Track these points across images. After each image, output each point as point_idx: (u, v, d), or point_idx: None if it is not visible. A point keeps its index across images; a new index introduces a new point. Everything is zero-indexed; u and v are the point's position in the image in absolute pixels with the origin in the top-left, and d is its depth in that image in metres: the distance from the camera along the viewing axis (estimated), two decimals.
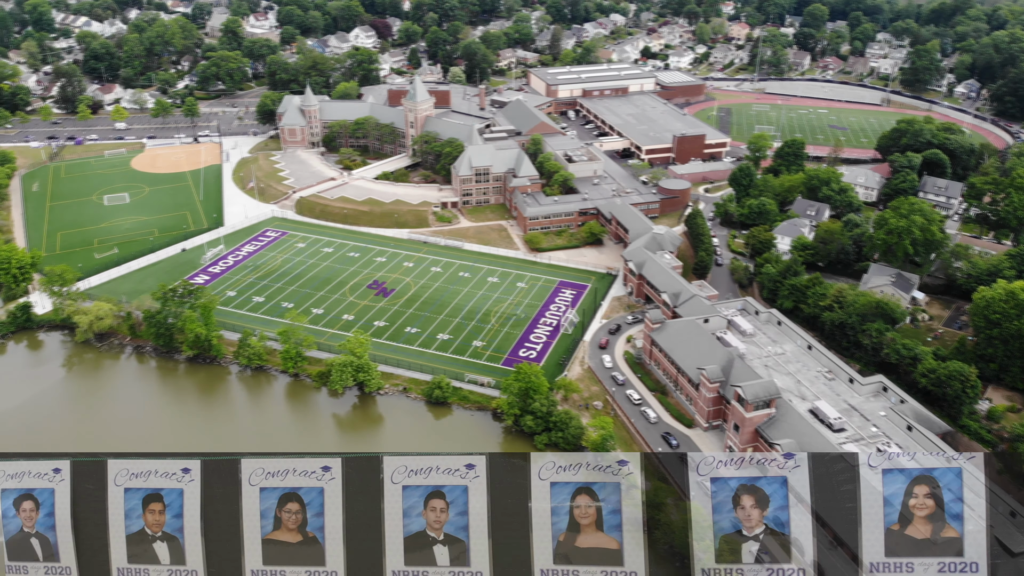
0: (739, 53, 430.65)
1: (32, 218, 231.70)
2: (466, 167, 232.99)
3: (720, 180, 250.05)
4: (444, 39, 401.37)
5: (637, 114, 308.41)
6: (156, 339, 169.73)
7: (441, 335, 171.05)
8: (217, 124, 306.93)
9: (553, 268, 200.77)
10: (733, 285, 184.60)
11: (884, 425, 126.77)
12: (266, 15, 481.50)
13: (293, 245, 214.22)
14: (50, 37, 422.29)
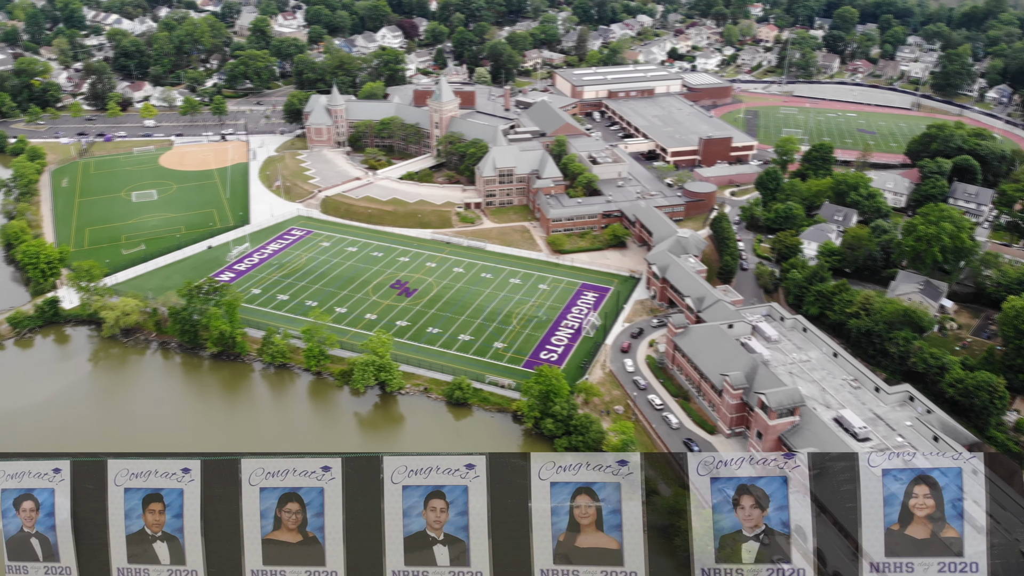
0: (767, 55, 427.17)
1: (61, 214, 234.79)
2: (490, 168, 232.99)
3: (746, 183, 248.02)
4: (470, 39, 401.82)
5: (663, 116, 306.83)
6: (181, 335, 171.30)
7: (462, 336, 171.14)
8: (244, 123, 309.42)
9: (575, 270, 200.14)
10: (758, 290, 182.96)
11: (910, 435, 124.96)
12: (294, 14, 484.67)
13: (318, 244, 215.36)
14: (81, 34, 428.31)
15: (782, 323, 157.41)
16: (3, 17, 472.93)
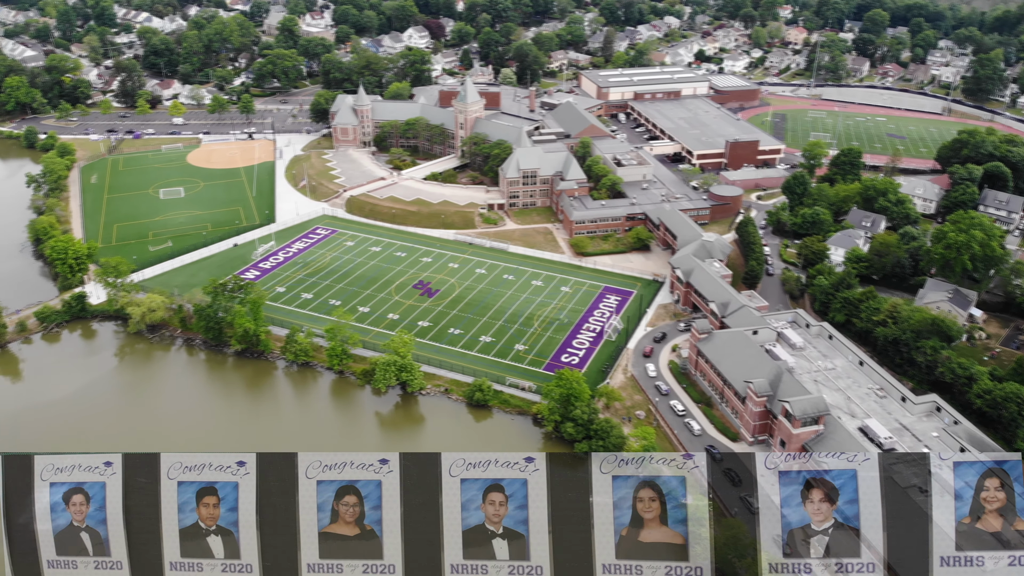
0: (796, 58, 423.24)
1: (90, 210, 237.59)
2: (514, 169, 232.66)
3: (773, 187, 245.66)
4: (496, 40, 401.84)
5: (689, 118, 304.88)
6: (206, 332, 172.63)
7: (484, 337, 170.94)
8: (271, 121, 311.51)
9: (598, 273, 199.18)
10: (784, 296, 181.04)
11: (936, 446, 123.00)
12: (322, 14, 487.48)
13: (342, 243, 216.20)
14: (112, 32, 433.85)
15: (808, 330, 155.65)
16: (35, 14, 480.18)
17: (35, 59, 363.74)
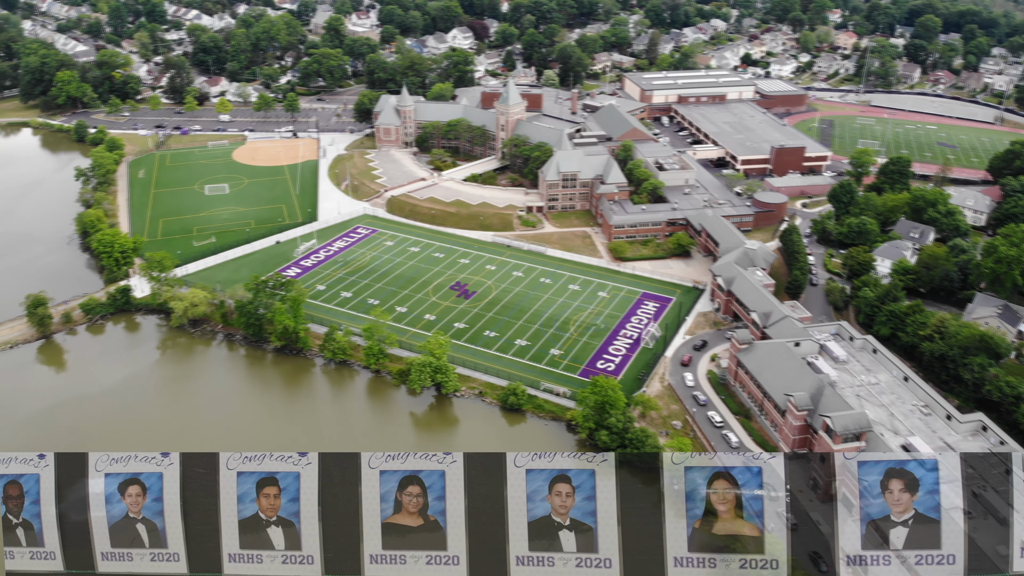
0: (844, 63, 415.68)
1: (136, 204, 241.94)
2: (554, 172, 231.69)
3: (819, 195, 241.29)
4: (540, 41, 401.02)
5: (734, 122, 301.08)
6: (246, 328, 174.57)
7: (519, 341, 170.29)
8: (316, 120, 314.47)
9: (637, 279, 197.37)
10: (827, 307, 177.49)
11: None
12: (368, 13, 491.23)
13: (382, 243, 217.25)
14: (162, 29, 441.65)
15: (851, 343, 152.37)
16: (88, 9, 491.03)
17: (86, 54, 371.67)
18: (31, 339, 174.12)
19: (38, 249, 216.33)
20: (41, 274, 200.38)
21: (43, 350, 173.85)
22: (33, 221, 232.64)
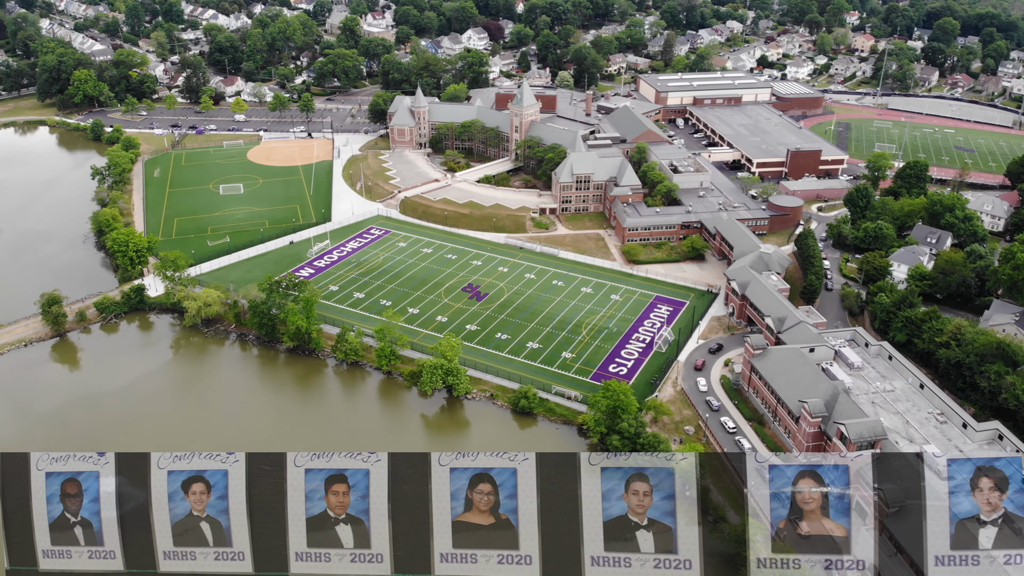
0: (862, 66, 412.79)
1: (152, 203, 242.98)
2: (567, 174, 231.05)
3: (835, 199, 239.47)
4: (555, 43, 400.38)
5: (749, 125, 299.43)
6: (259, 328, 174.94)
7: (531, 343, 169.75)
8: (331, 121, 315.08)
9: (650, 282, 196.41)
10: (843, 312, 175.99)
11: None
12: (383, 14, 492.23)
13: (395, 244, 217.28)
14: (178, 28, 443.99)
15: (867, 349, 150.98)
16: (105, 8, 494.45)
17: (103, 53, 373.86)
18: (45, 337, 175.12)
19: (53, 247, 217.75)
20: (56, 272, 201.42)
21: (57, 348, 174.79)
22: (49, 219, 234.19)
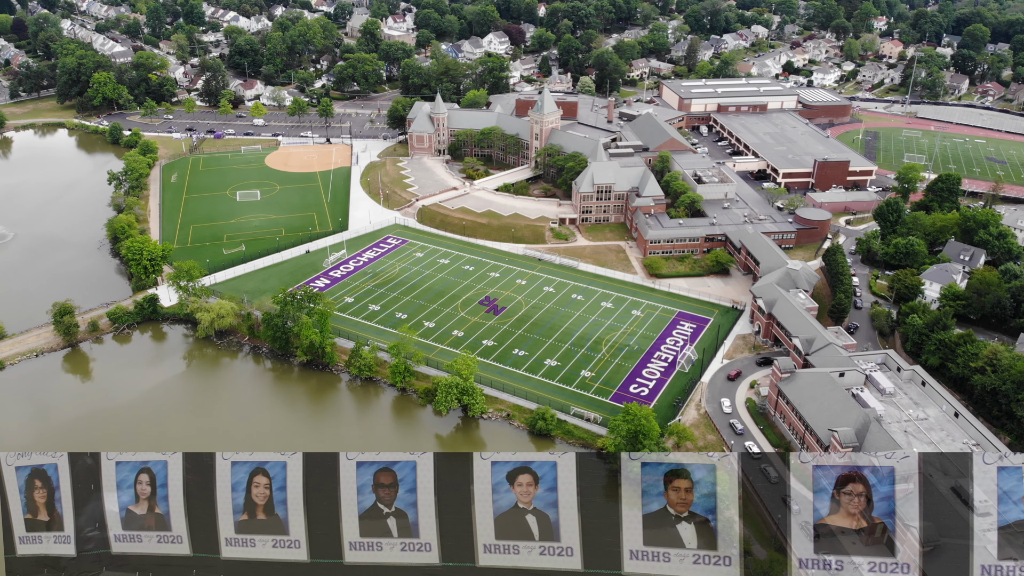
0: (890, 72, 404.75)
1: (168, 209, 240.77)
2: (588, 184, 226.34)
3: (863, 211, 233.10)
4: (576, 47, 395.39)
5: (775, 133, 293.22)
6: (273, 342, 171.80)
7: (549, 361, 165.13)
8: (350, 126, 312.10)
9: (672, 297, 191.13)
10: (872, 332, 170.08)
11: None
12: (404, 17, 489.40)
13: (412, 254, 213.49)
14: (199, 30, 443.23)
15: (899, 374, 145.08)
16: (127, 9, 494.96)
17: (124, 55, 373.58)
18: (57, 347, 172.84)
19: (68, 254, 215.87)
20: (70, 280, 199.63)
21: (69, 359, 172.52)
22: (65, 224, 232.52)
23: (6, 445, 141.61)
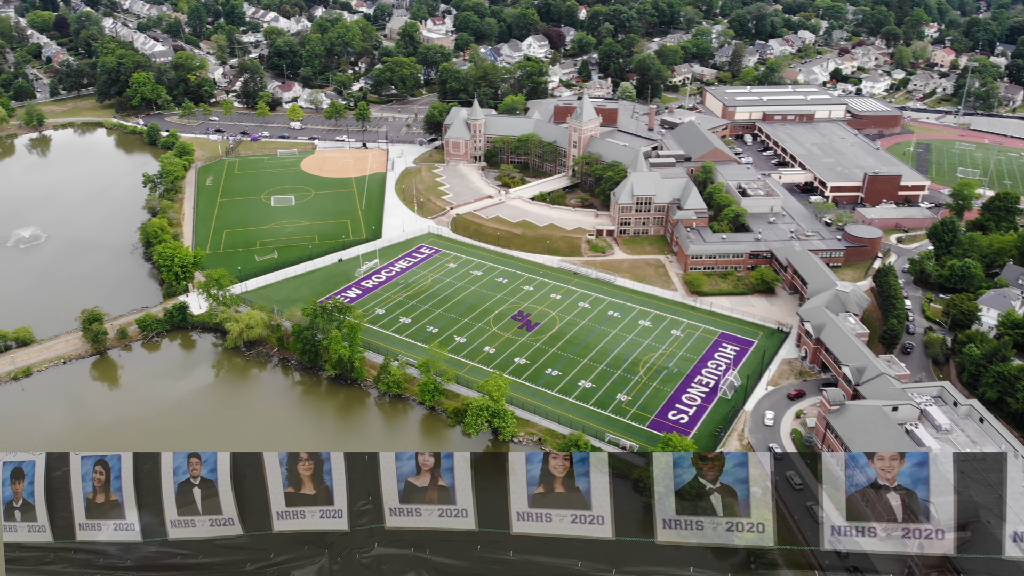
0: (942, 82, 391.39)
1: (202, 213, 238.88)
2: (627, 195, 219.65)
3: (915, 229, 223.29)
4: (617, 51, 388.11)
5: (823, 144, 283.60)
6: (302, 354, 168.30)
7: (583, 382, 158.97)
8: (386, 131, 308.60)
9: (714, 316, 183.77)
10: (926, 361, 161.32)
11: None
12: (443, 19, 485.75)
13: (445, 265, 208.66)
14: (239, 30, 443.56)
15: (955, 409, 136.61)
16: (168, 9, 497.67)
17: (164, 54, 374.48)
18: (85, 355, 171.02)
19: (101, 257, 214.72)
20: (101, 284, 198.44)
21: (97, 366, 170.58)
22: (99, 227, 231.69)
23: None
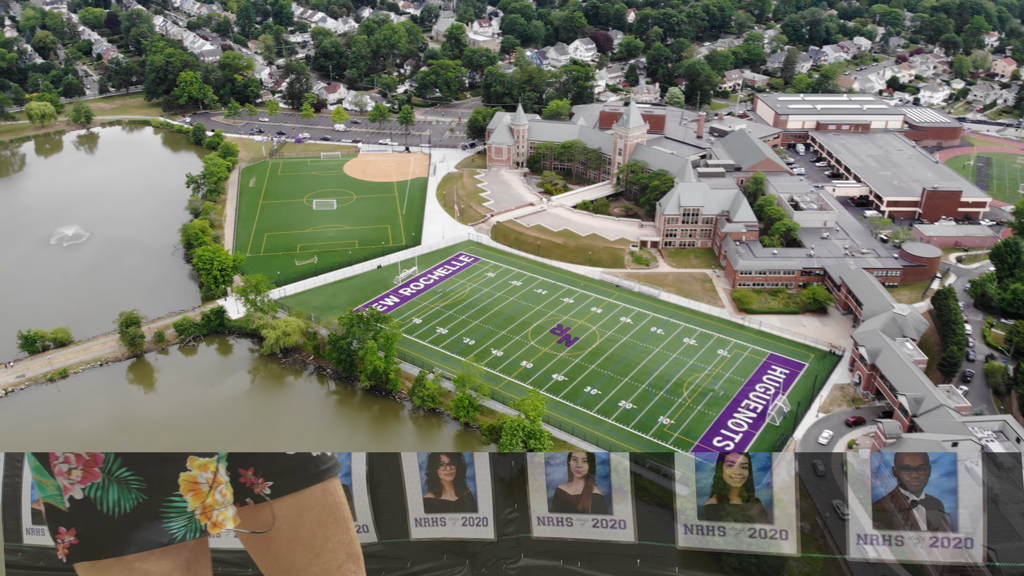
0: (1003, 93, 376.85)
1: (244, 216, 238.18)
2: (674, 205, 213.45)
3: (975, 248, 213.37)
4: (666, 56, 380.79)
5: (879, 156, 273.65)
6: (337, 364, 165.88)
7: (623, 403, 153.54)
8: (429, 135, 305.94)
9: (763, 337, 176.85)
10: (986, 391, 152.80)
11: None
12: (490, 21, 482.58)
13: (484, 274, 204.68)
14: (287, 31, 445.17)
15: (1018, 445, 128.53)
16: (218, 8, 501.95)
17: (212, 53, 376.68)
18: (122, 357, 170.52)
19: (142, 258, 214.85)
20: (141, 285, 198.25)
21: (133, 369, 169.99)
22: (141, 227, 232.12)
23: None
